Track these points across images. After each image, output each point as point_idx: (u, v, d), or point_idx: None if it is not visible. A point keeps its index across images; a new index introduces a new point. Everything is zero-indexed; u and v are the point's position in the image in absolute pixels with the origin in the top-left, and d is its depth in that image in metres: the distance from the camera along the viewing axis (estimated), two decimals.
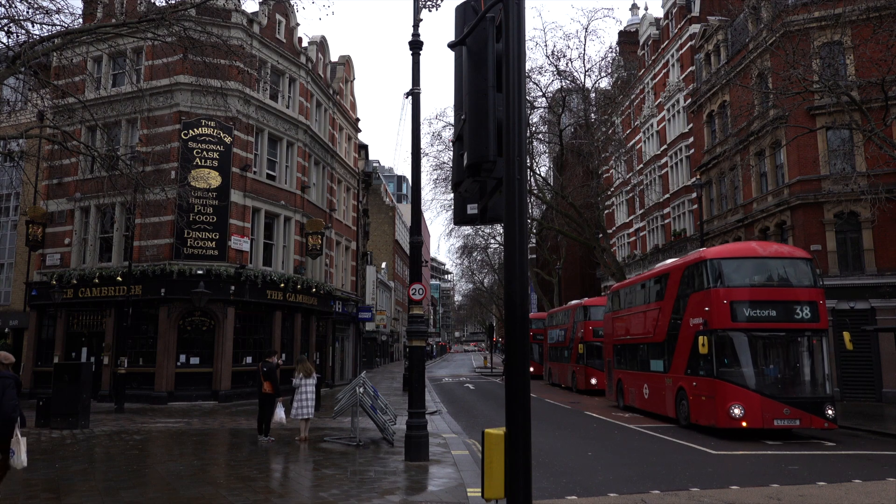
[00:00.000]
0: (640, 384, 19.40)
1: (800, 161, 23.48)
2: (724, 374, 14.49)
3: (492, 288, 67.86)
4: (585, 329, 28.55)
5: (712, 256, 15.53)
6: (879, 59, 18.11)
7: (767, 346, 14.85)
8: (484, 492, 3.72)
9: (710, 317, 14.85)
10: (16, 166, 16.70)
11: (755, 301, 14.74)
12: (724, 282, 14.88)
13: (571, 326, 30.50)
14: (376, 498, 8.35)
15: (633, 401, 19.90)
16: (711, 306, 14.86)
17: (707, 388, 14.89)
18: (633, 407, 19.97)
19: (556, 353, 33.63)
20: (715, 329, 14.67)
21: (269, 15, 25.85)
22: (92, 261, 23.70)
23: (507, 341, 3.66)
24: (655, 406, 18.14)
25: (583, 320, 28.97)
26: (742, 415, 13.90)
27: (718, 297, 14.76)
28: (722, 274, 14.98)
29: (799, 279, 15.11)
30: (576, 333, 29.56)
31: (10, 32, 12.67)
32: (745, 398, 14.07)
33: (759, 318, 14.56)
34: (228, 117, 23.01)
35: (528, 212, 4.44)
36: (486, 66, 3.82)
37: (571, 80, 32.88)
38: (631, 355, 20.44)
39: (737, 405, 13.99)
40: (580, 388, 28.13)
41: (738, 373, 14.41)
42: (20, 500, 8.37)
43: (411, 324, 11.48)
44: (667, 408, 17.23)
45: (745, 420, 13.88)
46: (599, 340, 27.31)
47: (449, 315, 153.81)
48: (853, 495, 8.89)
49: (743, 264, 15.39)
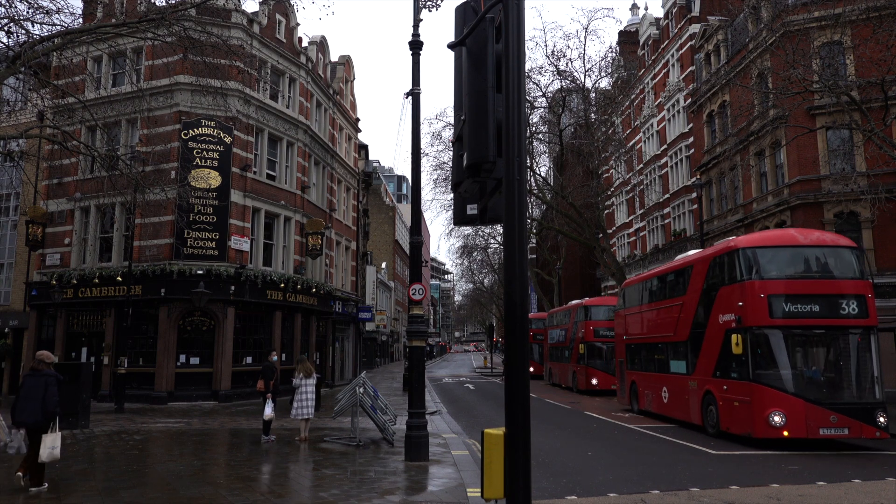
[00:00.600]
0: (657, 387, 18.06)
1: (800, 161, 23.48)
2: (761, 376, 13.06)
3: (492, 288, 67.86)
4: (586, 329, 28.16)
5: (746, 245, 14.05)
6: (879, 59, 18.11)
7: (810, 345, 13.54)
8: (483, 492, 3.73)
9: (744, 312, 13.49)
10: (16, 166, 16.68)
11: (795, 295, 13.29)
12: (759, 273, 13.51)
13: (572, 326, 30.19)
14: (376, 498, 8.36)
15: (650, 405, 18.61)
16: (746, 301, 13.49)
17: (741, 393, 13.48)
18: (649, 411, 18.63)
19: (556, 354, 33.29)
20: (750, 326, 13.31)
21: (269, 15, 25.86)
22: (92, 261, 23.70)
23: (507, 341, 3.67)
24: (676, 411, 16.74)
25: (583, 320, 28.61)
26: (783, 423, 12.50)
27: (754, 291, 13.38)
28: (757, 264, 13.60)
29: (843, 270, 13.66)
30: (576, 333, 29.19)
31: (10, 32, 12.67)
32: (787, 404, 12.63)
33: (800, 314, 13.18)
34: (228, 117, 23.01)
35: (527, 212, 4.44)
36: (485, 67, 3.83)
37: (571, 80, 32.88)
38: (647, 356, 19.22)
39: (777, 412, 12.57)
40: (581, 388, 27.83)
41: (777, 375, 12.97)
42: (20, 499, 8.37)
43: (411, 324, 11.49)
44: (690, 413, 15.84)
45: (786, 429, 12.49)
46: (601, 340, 27.23)
47: (449, 315, 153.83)
48: (853, 495, 8.89)
49: (781, 253, 13.95)
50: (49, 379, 8.63)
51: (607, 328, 27.49)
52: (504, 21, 3.80)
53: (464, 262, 63.42)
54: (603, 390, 26.63)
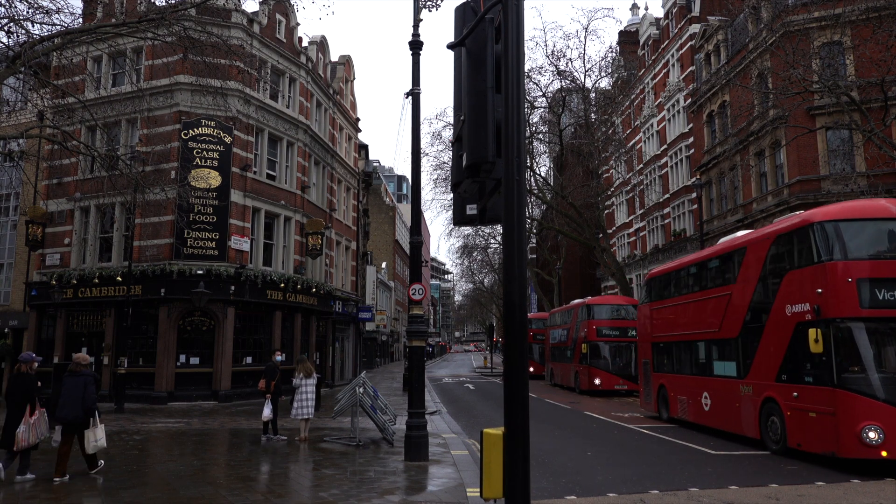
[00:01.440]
0: (695, 392, 15.63)
1: (799, 161, 23.49)
2: (849, 381, 10.51)
3: (492, 288, 67.89)
4: (589, 328, 27.65)
5: (825, 218, 11.42)
6: (879, 59, 18.13)
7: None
8: (482, 491, 3.73)
9: (824, 301, 10.88)
10: (16, 166, 16.71)
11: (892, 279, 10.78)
12: (845, 252, 10.99)
13: (574, 326, 29.70)
14: (376, 498, 8.36)
15: (684, 412, 16.15)
16: (827, 287, 10.90)
17: (820, 401, 10.95)
18: (683, 420, 16.27)
19: (558, 354, 32.80)
20: (833, 318, 10.77)
21: (269, 15, 25.87)
22: (92, 261, 23.71)
23: (506, 341, 3.68)
24: (722, 421, 14.37)
25: (586, 319, 28.09)
26: (880, 440, 10.04)
27: (838, 274, 10.84)
28: (842, 242, 11.06)
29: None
30: (579, 333, 28.67)
31: (10, 32, 12.68)
32: (886, 416, 10.14)
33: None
34: (228, 117, 23.02)
35: (526, 212, 4.45)
36: (485, 67, 3.83)
37: (571, 80, 32.90)
38: (681, 356, 16.76)
39: (872, 426, 10.11)
40: (583, 388, 27.41)
41: (871, 380, 10.40)
42: (20, 499, 8.38)
43: (411, 324, 11.49)
44: (742, 424, 13.48)
45: (884, 448, 10.04)
46: (604, 340, 27.03)
47: (449, 315, 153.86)
48: (851, 495, 8.90)
49: (871, 229, 11.40)
50: (87, 379, 9.43)
51: (610, 327, 27.34)
52: (503, 21, 3.80)
53: (464, 262, 63.47)
54: (606, 391, 26.36)
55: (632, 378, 25.38)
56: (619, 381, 26.29)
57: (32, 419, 9.29)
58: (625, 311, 27.90)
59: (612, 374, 26.41)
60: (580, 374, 28.02)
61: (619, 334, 27.05)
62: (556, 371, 32.92)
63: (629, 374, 26.02)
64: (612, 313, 28.01)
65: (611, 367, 26.66)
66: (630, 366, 26.22)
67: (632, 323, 25.77)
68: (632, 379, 25.35)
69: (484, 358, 61.21)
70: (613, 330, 27.27)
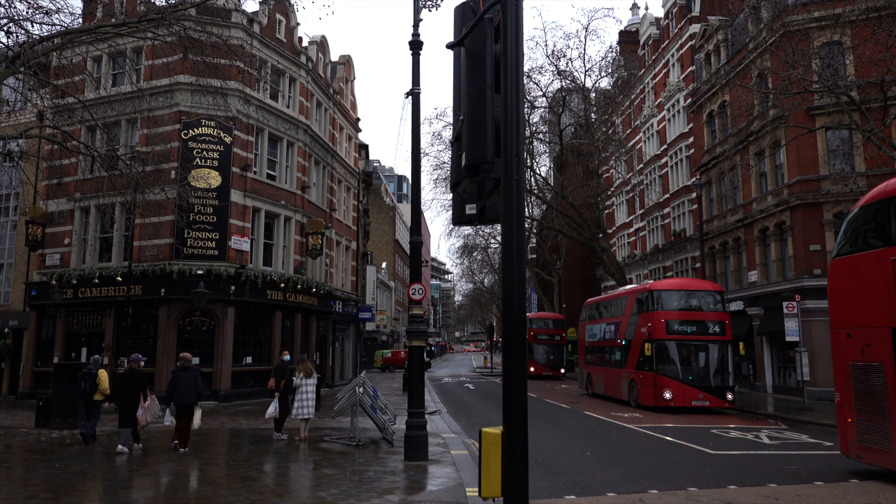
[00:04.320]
0: None
1: (799, 161, 23.50)
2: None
3: (492, 288, 67.93)
4: (654, 322, 20.65)
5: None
6: (879, 59, 18.13)
7: None
8: (481, 490, 3.74)
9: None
10: (15, 166, 16.71)
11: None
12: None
13: (628, 319, 23.10)
14: (375, 497, 8.37)
15: None
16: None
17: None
18: None
19: (599, 355, 25.96)
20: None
21: (270, 14, 25.88)
22: (92, 261, 23.71)
23: (505, 341, 3.68)
24: None
25: (650, 310, 21.07)
26: None
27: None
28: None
29: None
30: (637, 329, 21.85)
31: (9, 32, 12.69)
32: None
33: None
34: (228, 117, 23.02)
35: (525, 212, 4.45)
36: (484, 67, 3.84)
37: (571, 79, 32.93)
38: None
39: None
40: (644, 402, 20.63)
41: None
42: (20, 499, 8.39)
43: (411, 324, 11.50)
44: None
45: None
46: (676, 338, 20.27)
47: (449, 315, 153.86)
48: (850, 495, 8.90)
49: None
50: (196, 372, 12.50)
51: (684, 321, 20.64)
52: (503, 21, 3.81)
53: (464, 262, 63.54)
54: (680, 407, 19.73)
55: (714, 390, 19.89)
56: (699, 395, 19.79)
57: (146, 404, 12.32)
58: (704, 298, 21.38)
59: (688, 386, 19.85)
60: (640, 384, 21.21)
61: (696, 331, 20.42)
62: (598, 378, 26.02)
63: (709, 384, 19.97)
64: (688, 301, 21.23)
65: (687, 375, 20.08)
66: (710, 374, 20.17)
67: (714, 315, 20.71)
68: (714, 392, 19.88)
69: (484, 358, 61.22)
70: (689, 325, 20.60)
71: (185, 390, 12.13)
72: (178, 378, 12.23)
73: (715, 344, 20.27)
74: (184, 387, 12.14)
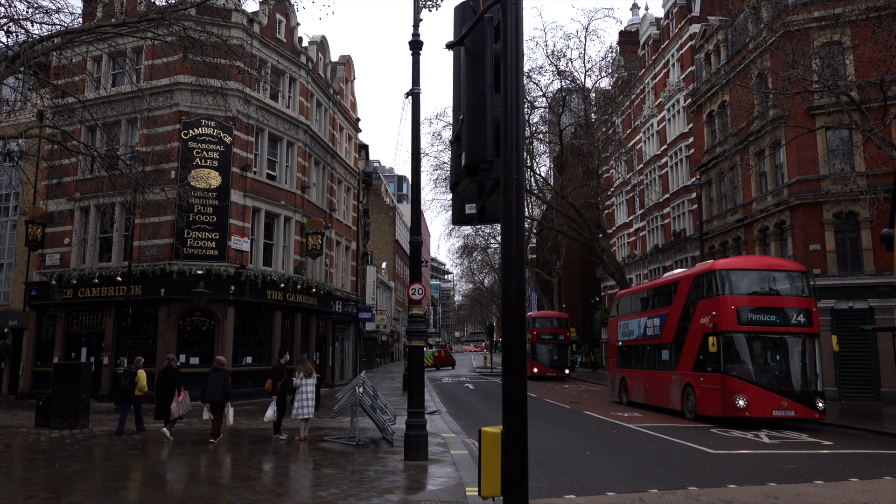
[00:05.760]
0: None
1: (799, 161, 23.51)
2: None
3: (492, 288, 67.93)
4: (722, 310, 16.41)
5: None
6: (879, 59, 18.14)
7: None
8: (481, 489, 3.75)
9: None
10: (15, 166, 16.71)
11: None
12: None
13: (680, 309, 18.77)
14: (375, 497, 8.37)
15: None
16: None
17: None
18: None
19: (639, 356, 21.78)
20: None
21: (270, 14, 25.88)
22: (92, 261, 23.71)
23: (505, 341, 3.69)
24: None
25: (718, 294, 16.77)
26: None
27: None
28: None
29: None
30: (695, 320, 17.65)
31: (9, 32, 12.69)
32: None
33: None
34: (228, 117, 23.03)
35: (525, 212, 4.46)
36: (484, 67, 3.84)
37: (572, 79, 32.93)
38: None
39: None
40: (707, 413, 16.64)
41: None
42: (20, 499, 8.39)
43: (411, 324, 11.50)
44: None
45: None
46: (753, 329, 16.23)
47: (449, 315, 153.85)
48: (850, 494, 8.90)
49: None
50: (226, 374, 13.60)
51: (760, 308, 16.47)
52: (502, 21, 3.81)
53: (464, 262, 63.55)
54: (757, 418, 15.93)
55: (800, 397, 15.95)
56: (781, 403, 15.80)
57: (180, 398, 13.83)
58: (783, 280, 17.21)
59: (767, 391, 15.84)
60: (699, 390, 17.11)
61: (777, 321, 16.39)
62: (635, 383, 21.82)
63: (793, 389, 16.02)
64: (765, 284, 17.09)
65: (765, 377, 16.18)
66: (795, 375, 16.26)
67: (797, 301, 16.68)
68: (801, 399, 15.91)
69: (484, 358, 61.21)
70: (768, 314, 16.44)
71: (213, 389, 13.32)
72: (210, 378, 13.45)
73: (799, 337, 16.25)
74: (213, 386, 13.33)
